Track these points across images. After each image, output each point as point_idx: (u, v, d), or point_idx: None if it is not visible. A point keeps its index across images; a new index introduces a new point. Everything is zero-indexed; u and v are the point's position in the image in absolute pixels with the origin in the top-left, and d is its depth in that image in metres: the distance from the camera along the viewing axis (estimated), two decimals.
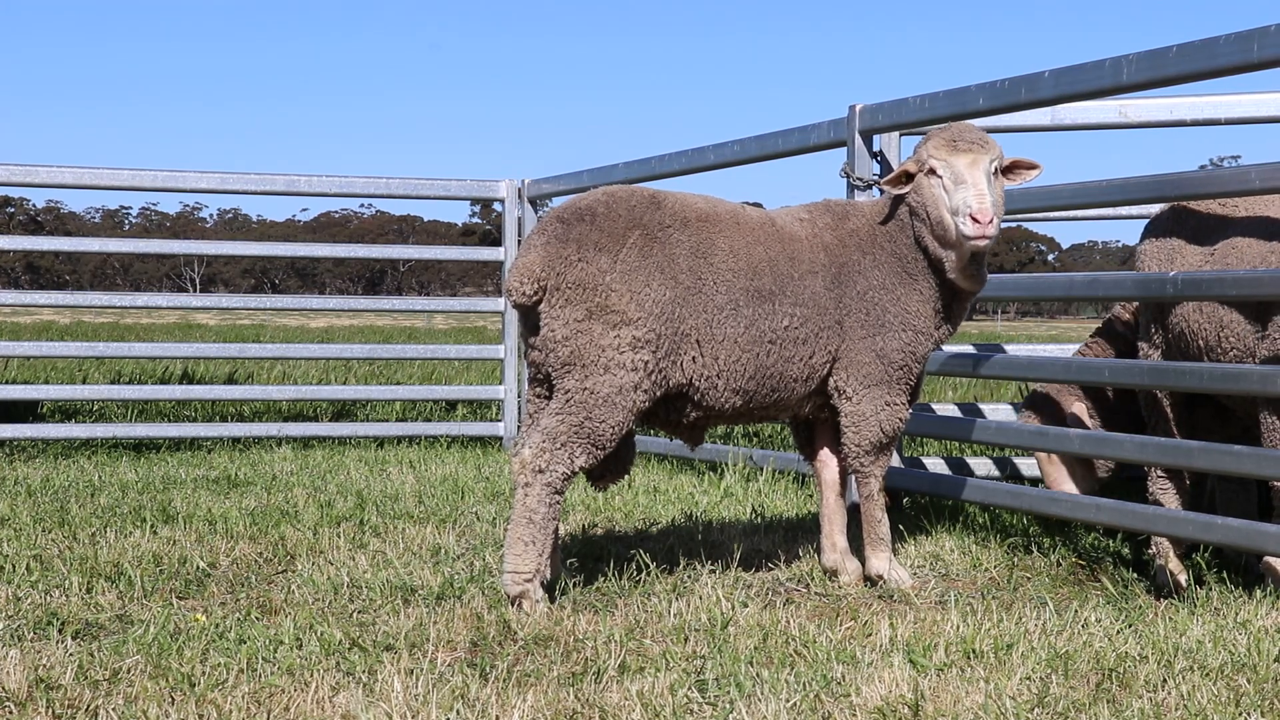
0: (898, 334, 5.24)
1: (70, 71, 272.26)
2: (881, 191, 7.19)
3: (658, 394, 4.86)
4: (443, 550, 5.74)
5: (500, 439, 10.31)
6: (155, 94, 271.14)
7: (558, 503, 4.77)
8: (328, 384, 13.07)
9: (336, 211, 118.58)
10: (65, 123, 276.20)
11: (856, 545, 5.53)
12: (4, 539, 5.84)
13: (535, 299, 4.78)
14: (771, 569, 5.56)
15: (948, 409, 7.75)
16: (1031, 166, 5.17)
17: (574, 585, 5.08)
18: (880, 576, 5.34)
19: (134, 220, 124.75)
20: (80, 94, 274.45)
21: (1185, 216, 5.62)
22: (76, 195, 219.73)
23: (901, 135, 7.30)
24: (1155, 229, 5.73)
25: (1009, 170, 5.18)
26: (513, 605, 4.69)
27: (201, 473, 8.39)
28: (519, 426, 10.10)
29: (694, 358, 4.92)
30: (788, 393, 5.19)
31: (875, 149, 7.24)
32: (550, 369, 4.82)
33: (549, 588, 4.94)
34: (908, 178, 5.19)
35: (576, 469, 4.77)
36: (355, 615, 4.65)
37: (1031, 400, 6.57)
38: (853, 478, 5.44)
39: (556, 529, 4.94)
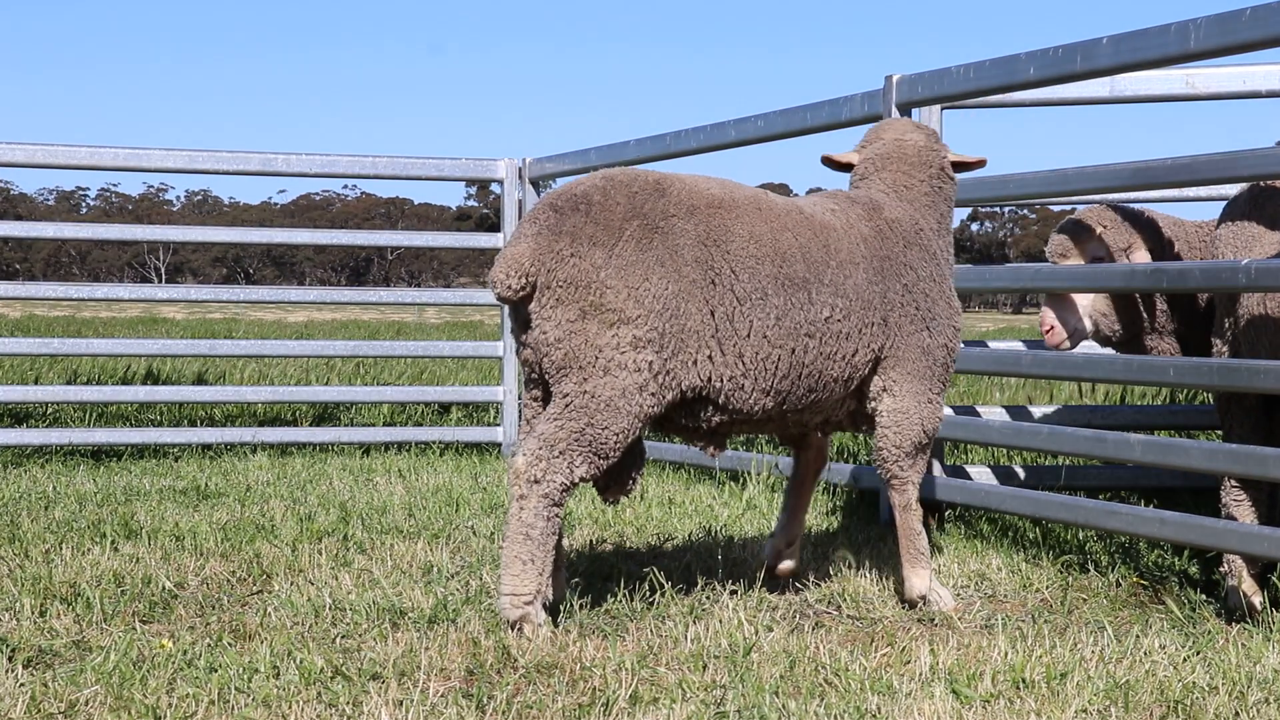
0: (944, 329, 5.38)
1: (19, 36, 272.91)
2: None
3: (669, 397, 4.86)
4: (435, 569, 5.76)
5: (499, 445, 10.33)
6: (115, 62, 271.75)
7: (557, 516, 4.76)
8: (308, 384, 13.10)
9: (317, 193, 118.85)
10: (15, 95, 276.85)
11: (873, 561, 5.53)
12: None
13: (522, 294, 4.79)
14: (799, 589, 5.56)
15: (994, 412, 7.75)
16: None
17: (580, 607, 5.09)
18: (922, 597, 5.34)
19: (92, 203, 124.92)
20: (31, 62, 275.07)
21: (1265, 199, 5.60)
22: (28, 175, 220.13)
23: (943, 109, 7.29)
24: (1231, 212, 5.72)
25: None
26: (512, 630, 4.70)
27: (168, 483, 8.41)
28: (519, 432, 10.20)
29: (710, 356, 4.91)
30: (825, 394, 5.21)
31: None
32: (546, 372, 4.84)
33: (552, 610, 4.95)
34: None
35: (577, 480, 4.76)
36: (338, 640, 4.66)
37: (1074, 232, 6.51)
38: (889, 489, 5.45)
39: (559, 545, 4.96)
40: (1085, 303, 6.38)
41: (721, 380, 4.95)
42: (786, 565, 5.65)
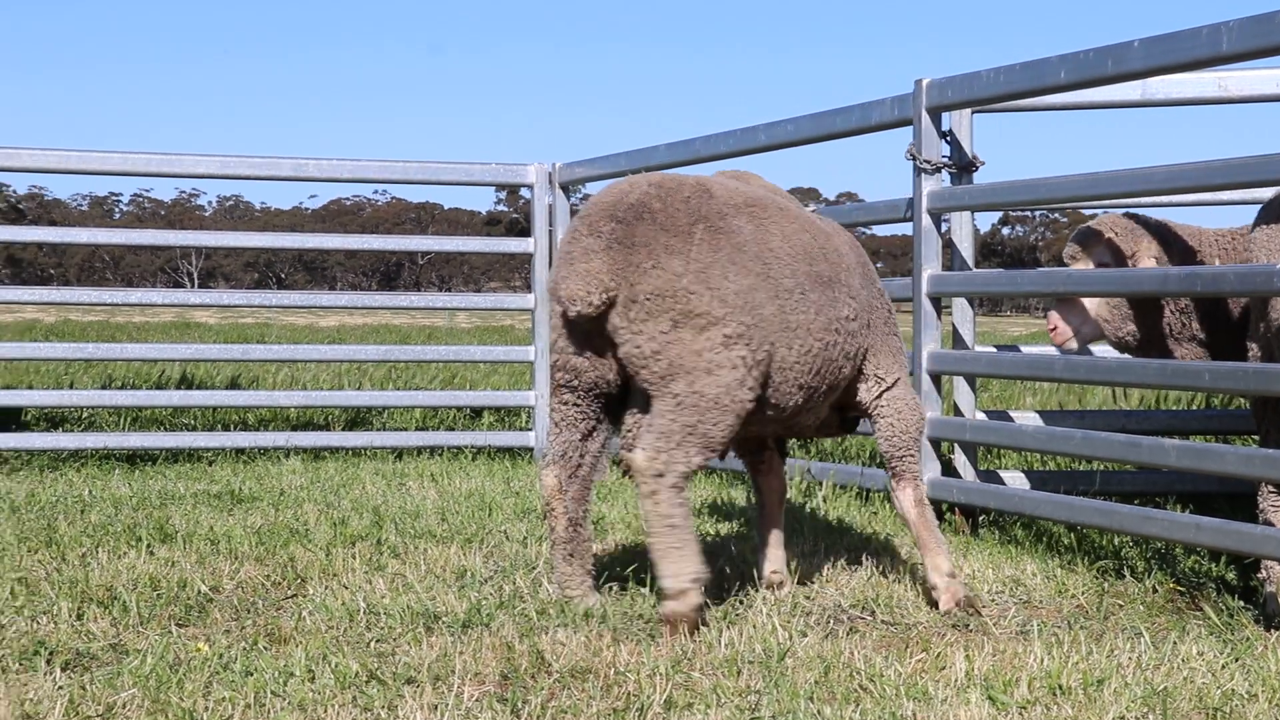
0: (898, 334, 5.75)
1: (54, 43, 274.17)
2: (953, 176, 7.22)
3: (759, 389, 4.96)
4: (469, 573, 5.76)
5: (530, 450, 10.33)
6: (148, 68, 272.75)
7: (687, 501, 4.85)
8: (340, 389, 13.12)
9: (348, 198, 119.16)
10: (50, 101, 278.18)
11: (907, 566, 5.51)
12: None
13: (602, 309, 4.84)
14: (833, 594, 5.55)
15: (1028, 417, 7.73)
16: None
17: (614, 613, 5.08)
18: (952, 574, 5.43)
19: (125, 208, 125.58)
20: (66, 68, 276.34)
21: None
22: (62, 180, 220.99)
23: (974, 113, 7.29)
24: (1266, 215, 5.69)
25: None
26: (682, 627, 4.75)
27: (202, 487, 8.44)
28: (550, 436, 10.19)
29: (777, 347, 5.02)
30: (831, 395, 5.42)
31: (944, 128, 7.25)
32: (646, 381, 4.88)
33: (584, 614, 4.97)
34: None
35: (695, 467, 4.84)
36: (373, 644, 4.66)
37: (1083, 238, 6.52)
38: (902, 485, 5.50)
39: (590, 549, 5.21)
40: (1091, 306, 6.40)
41: (775, 373, 5.05)
42: (785, 591, 5.63)
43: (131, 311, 50.32)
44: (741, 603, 5.30)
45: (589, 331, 4.92)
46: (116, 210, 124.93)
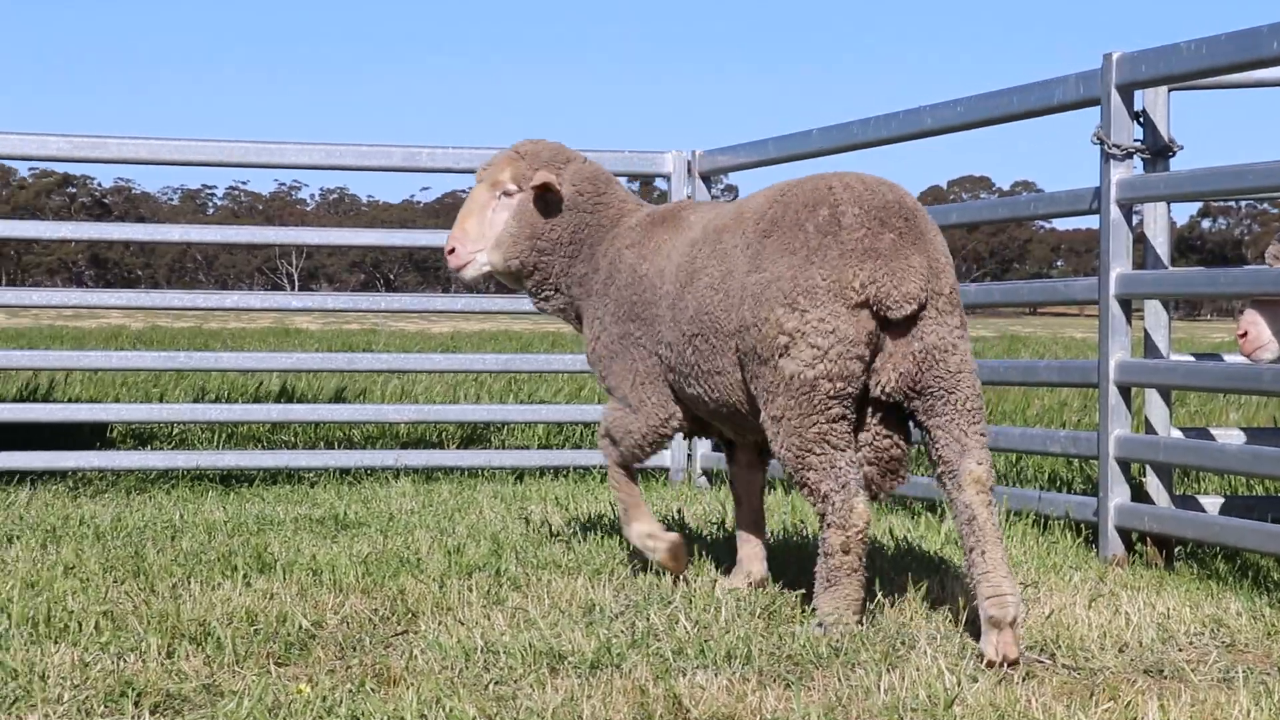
0: None
1: (143, 29, 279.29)
2: (1145, 162, 7.15)
3: None
4: (597, 607, 5.78)
5: (666, 470, 10.35)
6: (244, 53, 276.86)
7: None
8: (455, 403, 13.24)
9: (464, 191, 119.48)
10: (139, 88, 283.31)
11: (1093, 604, 5.45)
12: (69, 591, 5.99)
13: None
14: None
15: (1230, 434, 7.61)
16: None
17: (759, 652, 5.08)
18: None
19: (219, 202, 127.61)
20: (156, 54, 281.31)
21: None
22: (151, 172, 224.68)
23: (1171, 90, 7.19)
24: None
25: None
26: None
27: (303, 511, 8.54)
28: (687, 456, 10.23)
29: None
30: None
31: (1137, 108, 7.16)
32: (938, 379, 5.40)
33: (727, 655, 4.97)
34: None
35: None
36: (491, 687, 4.69)
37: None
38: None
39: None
40: None
41: None
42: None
43: (226, 317, 51.14)
44: (902, 643, 5.27)
45: (874, 335, 5.39)
46: (210, 205, 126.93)
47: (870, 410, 5.53)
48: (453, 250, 6.55)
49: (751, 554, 6.33)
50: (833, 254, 5.36)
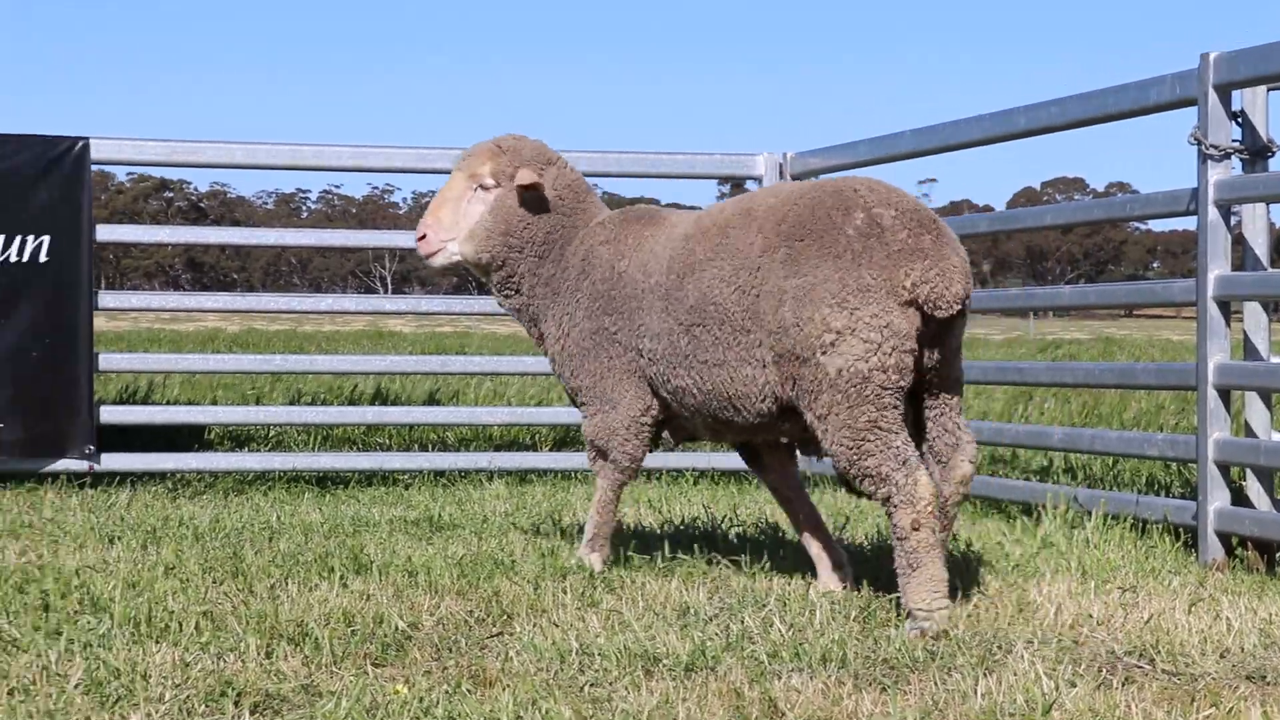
0: None
1: (238, 35, 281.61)
2: (1244, 162, 7.08)
3: None
4: (691, 610, 5.78)
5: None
6: (337, 58, 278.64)
7: None
8: (548, 405, 13.24)
9: None
10: (235, 92, 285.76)
11: (1193, 608, 5.40)
12: (169, 592, 6.04)
13: None
14: (1104, 639, 5.46)
15: None
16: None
17: (855, 655, 5.07)
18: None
19: (313, 206, 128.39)
20: (253, 58, 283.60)
21: None
22: (246, 177, 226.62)
23: (1269, 90, 7.12)
24: None
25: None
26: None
27: (398, 513, 8.59)
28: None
29: None
30: None
31: (1235, 108, 7.10)
32: (940, 378, 5.77)
33: (823, 656, 4.96)
34: None
35: None
36: (586, 689, 4.70)
37: None
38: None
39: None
40: None
41: None
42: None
43: (320, 319, 51.44)
44: (999, 647, 5.24)
45: (919, 332, 5.59)
46: (304, 208, 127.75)
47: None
48: (423, 237, 6.72)
49: (821, 552, 6.42)
50: (879, 255, 5.55)
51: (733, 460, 10.39)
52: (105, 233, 10.12)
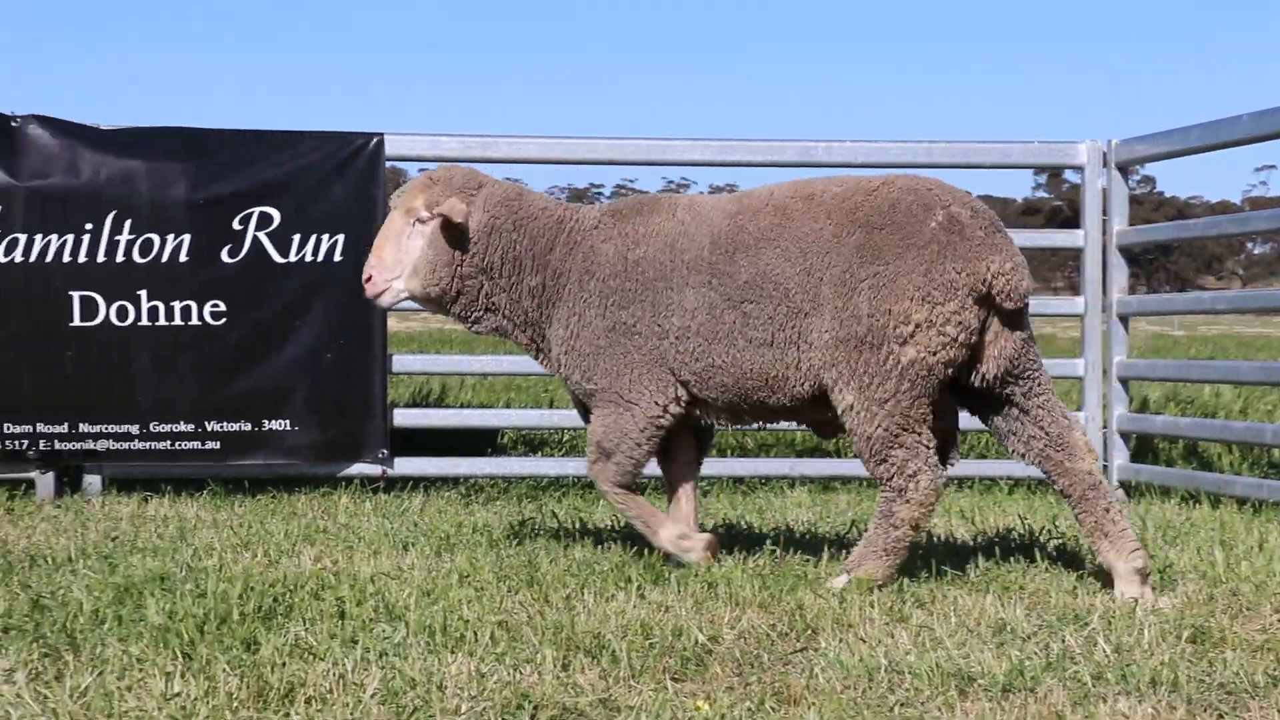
0: None
1: (528, 26, 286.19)
2: None
3: None
4: (1008, 627, 5.69)
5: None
6: (637, 48, 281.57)
7: None
8: None
9: None
10: (528, 85, 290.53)
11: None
12: (464, 600, 6.14)
13: None
14: None
15: None
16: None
17: (1187, 679, 4.92)
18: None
19: (606, 201, 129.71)
20: (552, 51, 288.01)
21: None
22: (538, 172, 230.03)
23: None
24: None
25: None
26: None
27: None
28: (1103, 465, 10.02)
29: None
30: None
31: None
32: (1032, 361, 6.38)
33: (1152, 680, 4.85)
34: None
35: None
36: (897, 708, 4.66)
37: None
38: None
39: None
40: None
41: None
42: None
43: None
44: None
45: (979, 328, 6.22)
46: (596, 203, 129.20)
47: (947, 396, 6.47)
48: (369, 279, 6.86)
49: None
50: (962, 250, 6.16)
51: None
52: None
